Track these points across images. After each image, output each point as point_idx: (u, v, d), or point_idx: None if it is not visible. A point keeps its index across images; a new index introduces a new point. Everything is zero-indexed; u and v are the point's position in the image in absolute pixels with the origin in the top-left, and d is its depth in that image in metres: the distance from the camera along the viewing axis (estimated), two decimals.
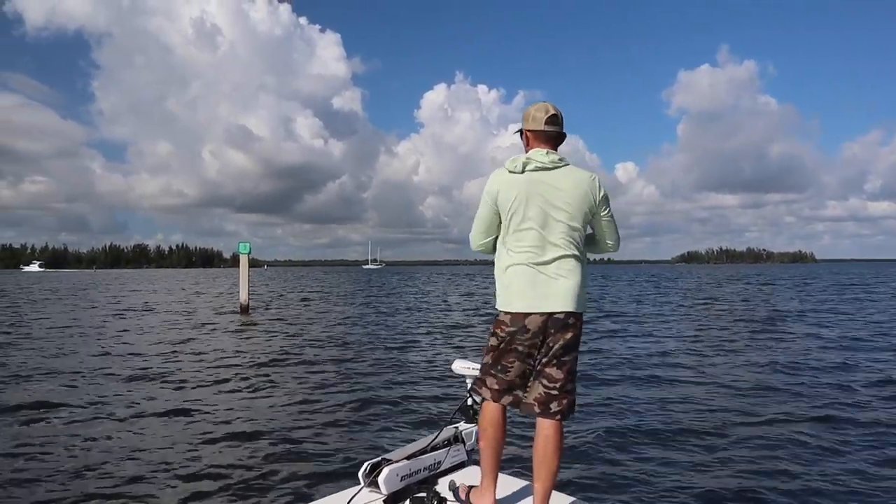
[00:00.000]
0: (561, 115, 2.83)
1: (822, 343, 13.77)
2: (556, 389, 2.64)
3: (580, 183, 2.72)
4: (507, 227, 2.72)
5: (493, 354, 2.73)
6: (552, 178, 2.70)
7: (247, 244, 23.51)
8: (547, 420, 2.64)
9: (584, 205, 2.71)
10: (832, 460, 5.79)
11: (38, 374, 10.40)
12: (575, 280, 2.66)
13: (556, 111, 2.81)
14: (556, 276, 2.65)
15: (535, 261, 2.66)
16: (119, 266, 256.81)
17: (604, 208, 2.81)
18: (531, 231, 2.66)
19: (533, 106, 2.86)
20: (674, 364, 11.18)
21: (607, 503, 4.90)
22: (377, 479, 2.73)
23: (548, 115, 2.79)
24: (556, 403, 2.64)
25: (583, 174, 2.75)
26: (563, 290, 2.64)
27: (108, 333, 16.85)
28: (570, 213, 2.68)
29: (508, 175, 2.72)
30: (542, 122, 2.79)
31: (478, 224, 2.82)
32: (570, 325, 2.64)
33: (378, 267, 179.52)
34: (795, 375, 9.89)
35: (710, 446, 6.20)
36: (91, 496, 5.07)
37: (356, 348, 13.75)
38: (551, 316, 2.62)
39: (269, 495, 5.10)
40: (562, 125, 2.84)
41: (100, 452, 6.16)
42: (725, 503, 4.92)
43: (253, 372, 10.75)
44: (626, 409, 7.68)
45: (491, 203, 2.75)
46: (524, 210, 2.67)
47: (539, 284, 2.64)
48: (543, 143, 2.79)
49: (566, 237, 2.68)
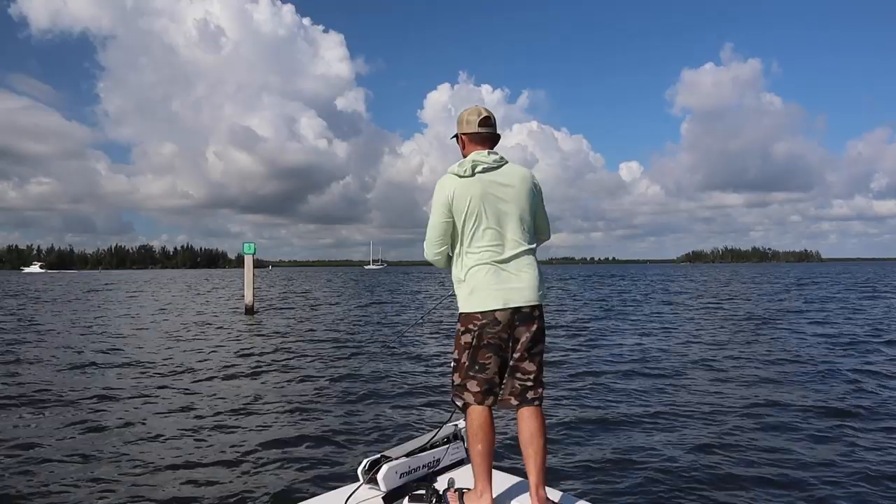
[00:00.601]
0: (494, 117, 2.91)
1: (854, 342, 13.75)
2: (530, 381, 2.73)
3: (525, 178, 2.83)
4: (463, 231, 2.75)
5: (468, 353, 2.72)
6: (500, 176, 2.78)
7: (251, 245, 23.25)
8: (527, 407, 2.73)
9: (531, 199, 2.83)
10: (834, 450, 5.80)
11: (47, 370, 10.46)
12: (535, 273, 2.77)
13: (489, 113, 2.90)
14: (517, 271, 2.73)
15: (497, 259, 2.72)
16: (124, 267, 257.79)
17: (542, 200, 2.94)
18: (489, 230, 2.73)
19: (466, 110, 2.94)
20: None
21: (608, 497, 4.91)
22: (376, 477, 2.74)
23: (481, 117, 2.87)
24: (531, 392, 2.74)
25: (524, 170, 2.87)
26: (526, 285, 2.73)
27: (111, 333, 16.90)
28: (521, 209, 2.78)
29: (459, 179, 2.76)
30: (476, 125, 2.86)
31: (433, 232, 2.82)
32: (535, 317, 2.74)
33: (380, 267, 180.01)
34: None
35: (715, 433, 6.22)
36: (92, 482, 5.12)
37: (357, 347, 13.79)
38: (518, 311, 2.70)
39: (268, 491, 5.12)
40: (495, 126, 2.92)
41: (99, 453, 6.18)
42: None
43: (255, 371, 10.79)
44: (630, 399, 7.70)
45: (445, 210, 2.76)
46: (480, 211, 2.72)
47: (503, 281, 2.70)
48: (479, 145, 2.87)
49: (522, 233, 2.77)
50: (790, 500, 4.91)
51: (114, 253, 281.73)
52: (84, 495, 5.09)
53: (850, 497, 4.93)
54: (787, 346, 13.25)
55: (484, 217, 2.72)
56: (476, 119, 2.87)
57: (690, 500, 4.92)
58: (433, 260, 2.89)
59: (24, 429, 7.12)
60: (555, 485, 2.99)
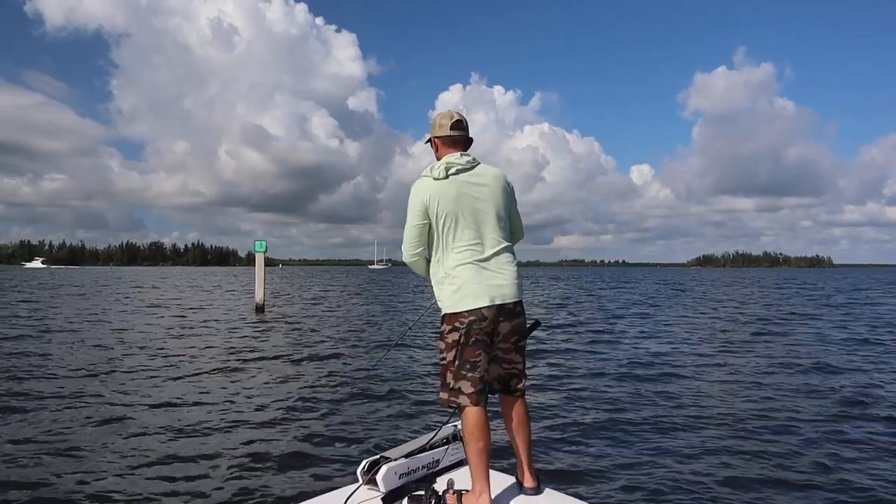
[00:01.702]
0: (466, 121, 2.98)
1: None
2: (515, 370, 2.87)
3: (498, 178, 2.90)
4: (443, 232, 2.80)
5: (455, 351, 2.74)
6: (474, 177, 2.84)
7: (263, 243, 23.13)
8: (510, 396, 2.88)
9: (505, 197, 2.90)
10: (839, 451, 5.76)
11: (56, 369, 10.54)
12: (515, 270, 2.86)
13: (461, 117, 2.97)
14: (498, 269, 2.80)
15: (478, 258, 2.79)
16: (135, 263, 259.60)
17: (514, 199, 3.02)
18: (468, 230, 2.79)
19: (439, 114, 3.02)
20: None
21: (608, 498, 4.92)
22: (375, 477, 2.74)
23: (453, 120, 2.94)
24: (515, 381, 2.87)
25: (496, 170, 2.93)
26: (507, 283, 2.80)
27: (121, 330, 17.03)
28: (497, 207, 2.85)
29: (434, 182, 2.80)
30: (448, 128, 2.94)
31: (409, 234, 2.87)
32: (518, 312, 2.84)
33: (384, 267, 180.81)
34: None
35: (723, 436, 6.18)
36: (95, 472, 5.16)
37: (361, 346, 13.82)
38: (502, 307, 2.77)
39: (267, 492, 5.12)
40: (467, 130, 2.98)
41: (98, 453, 6.22)
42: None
43: (260, 369, 10.84)
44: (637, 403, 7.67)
45: (422, 213, 2.81)
46: (457, 212, 2.78)
47: (485, 280, 2.76)
48: (452, 148, 2.94)
49: (499, 231, 2.84)
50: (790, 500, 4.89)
51: (125, 249, 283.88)
52: (71, 487, 5.13)
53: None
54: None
55: (462, 217, 2.79)
56: (448, 123, 2.94)
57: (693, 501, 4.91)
58: (411, 262, 2.95)
59: (47, 424, 7.18)
60: (555, 486, 2.98)
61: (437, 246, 2.84)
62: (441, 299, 2.82)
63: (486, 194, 2.83)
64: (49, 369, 10.53)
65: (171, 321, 19.82)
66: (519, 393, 2.89)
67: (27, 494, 5.03)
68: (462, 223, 2.78)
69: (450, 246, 2.80)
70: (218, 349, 13.32)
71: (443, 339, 2.80)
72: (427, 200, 2.79)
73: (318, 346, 14.02)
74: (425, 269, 2.94)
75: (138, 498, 5.00)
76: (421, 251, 2.89)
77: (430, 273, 2.91)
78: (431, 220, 2.80)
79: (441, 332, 2.81)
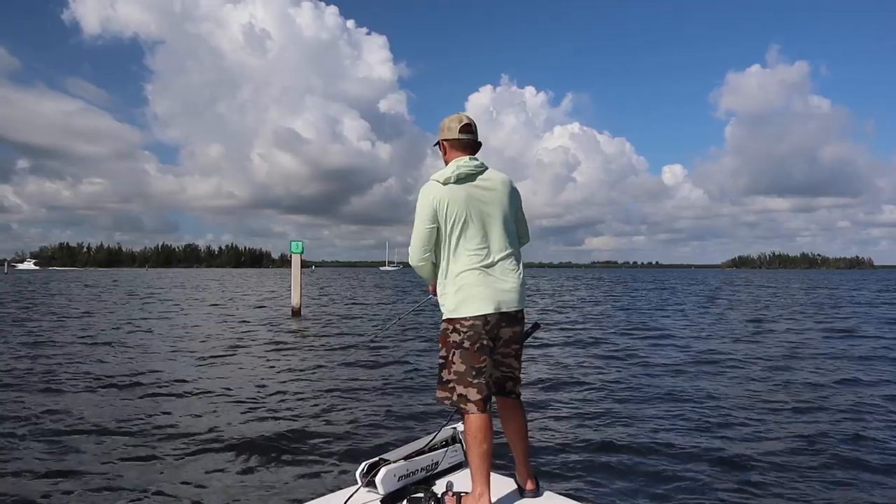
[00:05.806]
0: (475, 125, 2.98)
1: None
2: (512, 374, 2.93)
3: (506, 183, 2.93)
4: (450, 236, 2.80)
5: (459, 353, 2.74)
6: (482, 181, 2.86)
7: (300, 243, 22.01)
8: (507, 398, 2.94)
9: (512, 203, 2.93)
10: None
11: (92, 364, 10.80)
12: (520, 278, 2.88)
13: (470, 121, 2.98)
14: (503, 275, 2.82)
15: (484, 263, 2.80)
16: (170, 265, 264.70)
17: (521, 205, 3.04)
18: (475, 235, 2.80)
19: (448, 117, 3.01)
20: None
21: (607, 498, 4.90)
22: (374, 479, 2.77)
23: (462, 124, 2.95)
24: (511, 383, 2.93)
25: (504, 175, 2.95)
26: (512, 290, 2.82)
27: (147, 331, 17.31)
28: (504, 213, 2.87)
29: (443, 187, 2.81)
30: (457, 132, 2.94)
31: (417, 239, 2.87)
32: (519, 319, 2.88)
33: (395, 269, 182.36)
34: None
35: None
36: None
37: (377, 348, 13.54)
38: (505, 314, 2.79)
39: (265, 494, 5.09)
40: (476, 134, 2.98)
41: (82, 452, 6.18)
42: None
43: (277, 372, 10.79)
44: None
45: (431, 217, 2.81)
46: (465, 216, 2.79)
47: (490, 286, 2.77)
48: (461, 152, 2.94)
49: (505, 237, 2.87)
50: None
51: (160, 251, 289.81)
52: (66, 485, 5.19)
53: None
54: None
55: (470, 222, 2.79)
56: (457, 126, 2.95)
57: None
58: (418, 266, 2.94)
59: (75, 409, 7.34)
60: (554, 489, 2.96)
61: (444, 249, 2.85)
62: (445, 303, 2.83)
63: (493, 199, 2.85)
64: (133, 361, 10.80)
65: (200, 325, 19.94)
66: (515, 395, 2.94)
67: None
68: (470, 228, 2.79)
69: (456, 250, 2.81)
70: (245, 352, 13.35)
71: (443, 339, 2.81)
72: (436, 204, 2.79)
73: (339, 353, 13.59)
74: (431, 273, 2.95)
75: (131, 494, 5.02)
76: (428, 256, 2.91)
77: (436, 276, 2.92)
78: (440, 224, 2.81)
79: (442, 332, 2.82)
